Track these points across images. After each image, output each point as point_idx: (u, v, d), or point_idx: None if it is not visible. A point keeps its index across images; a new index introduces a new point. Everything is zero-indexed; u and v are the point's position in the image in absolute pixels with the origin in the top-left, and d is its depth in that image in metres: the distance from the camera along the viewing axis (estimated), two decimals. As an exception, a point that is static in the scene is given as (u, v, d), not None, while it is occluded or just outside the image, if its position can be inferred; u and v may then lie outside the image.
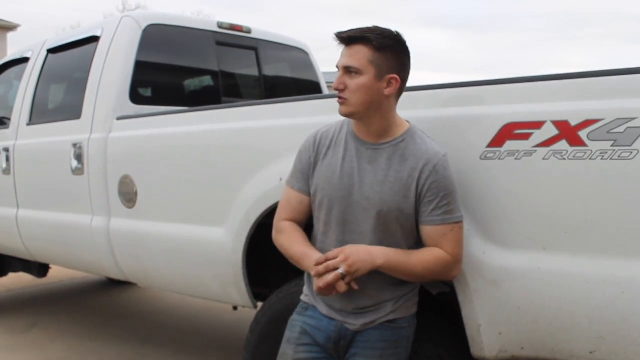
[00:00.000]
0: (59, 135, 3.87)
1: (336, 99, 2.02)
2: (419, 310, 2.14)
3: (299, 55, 4.95)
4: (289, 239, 2.12)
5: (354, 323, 2.04)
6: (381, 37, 1.93)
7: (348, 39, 1.95)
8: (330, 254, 1.94)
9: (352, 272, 1.88)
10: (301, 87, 4.94)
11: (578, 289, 1.87)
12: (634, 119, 1.75)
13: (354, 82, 1.94)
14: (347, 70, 1.95)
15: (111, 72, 3.64)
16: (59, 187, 3.87)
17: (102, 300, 5.91)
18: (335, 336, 2.06)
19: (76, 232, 3.72)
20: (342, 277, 1.88)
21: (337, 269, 1.89)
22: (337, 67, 2.00)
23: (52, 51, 4.33)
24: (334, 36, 1.98)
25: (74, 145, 3.66)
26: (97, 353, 4.32)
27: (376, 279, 2.00)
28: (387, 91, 1.96)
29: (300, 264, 2.09)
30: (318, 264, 1.93)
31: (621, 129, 1.76)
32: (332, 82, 2.12)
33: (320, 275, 1.91)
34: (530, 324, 1.98)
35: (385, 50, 1.94)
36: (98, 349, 4.39)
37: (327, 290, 1.91)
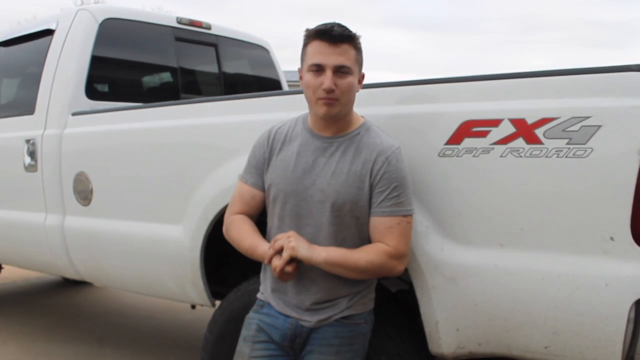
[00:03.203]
0: (11, 131, 3.76)
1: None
2: (377, 307, 2.14)
3: (260, 53, 4.91)
4: (238, 233, 2.13)
5: (309, 320, 2.04)
6: (356, 35, 1.97)
7: (339, 37, 1.92)
8: (278, 236, 1.99)
9: (289, 245, 1.92)
10: (262, 84, 4.91)
11: (534, 286, 1.90)
12: (588, 117, 1.78)
13: (346, 81, 1.93)
14: (338, 70, 1.92)
15: (66, 66, 3.56)
16: (11, 184, 3.76)
17: (57, 301, 5.77)
18: (291, 333, 2.05)
19: (29, 230, 3.62)
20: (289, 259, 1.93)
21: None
22: (318, 65, 1.92)
23: (3, 44, 4.21)
24: (316, 33, 1.93)
25: (27, 141, 3.57)
26: (52, 354, 4.21)
27: (332, 274, 1.99)
28: (358, 88, 2.02)
29: (253, 256, 2.10)
30: (269, 260, 1.98)
31: (576, 127, 1.79)
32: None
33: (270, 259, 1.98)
34: (487, 320, 1.99)
35: (360, 48, 1.99)
36: (53, 350, 4.29)
37: (285, 276, 1.97)
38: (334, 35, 1.91)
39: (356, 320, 2.06)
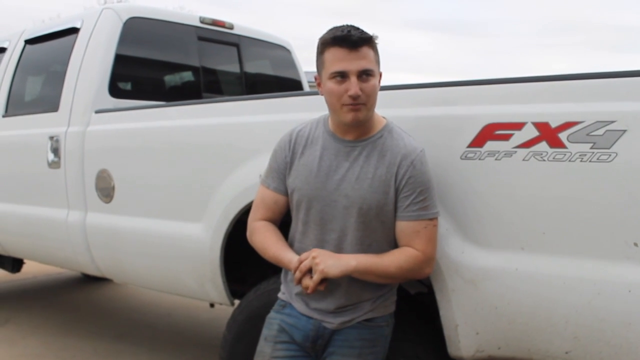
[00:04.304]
0: (35, 127, 3.81)
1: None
2: (397, 309, 2.13)
3: (281, 53, 4.93)
4: (262, 241, 2.11)
5: (332, 322, 2.03)
6: (373, 36, 1.94)
7: (359, 41, 1.87)
8: (302, 256, 1.97)
9: (318, 268, 1.90)
10: (283, 84, 4.92)
11: (555, 290, 1.88)
12: (613, 122, 1.76)
13: (370, 84, 1.90)
14: (362, 74, 1.89)
15: (90, 64, 3.60)
16: (34, 181, 3.81)
17: (76, 297, 5.83)
18: (313, 334, 2.05)
19: (51, 226, 3.66)
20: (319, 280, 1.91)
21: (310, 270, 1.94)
22: (342, 72, 1.88)
23: (29, 42, 4.26)
24: (334, 40, 1.89)
25: (51, 138, 3.61)
26: (71, 349, 4.26)
27: (357, 279, 1.99)
28: (378, 87, 1.97)
29: (279, 265, 2.11)
30: (298, 281, 1.97)
31: (600, 131, 1.77)
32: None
33: (299, 280, 1.96)
34: (507, 324, 1.98)
35: (377, 48, 1.96)
36: (72, 345, 4.33)
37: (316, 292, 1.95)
38: (353, 41, 1.87)
39: (378, 323, 2.06)
